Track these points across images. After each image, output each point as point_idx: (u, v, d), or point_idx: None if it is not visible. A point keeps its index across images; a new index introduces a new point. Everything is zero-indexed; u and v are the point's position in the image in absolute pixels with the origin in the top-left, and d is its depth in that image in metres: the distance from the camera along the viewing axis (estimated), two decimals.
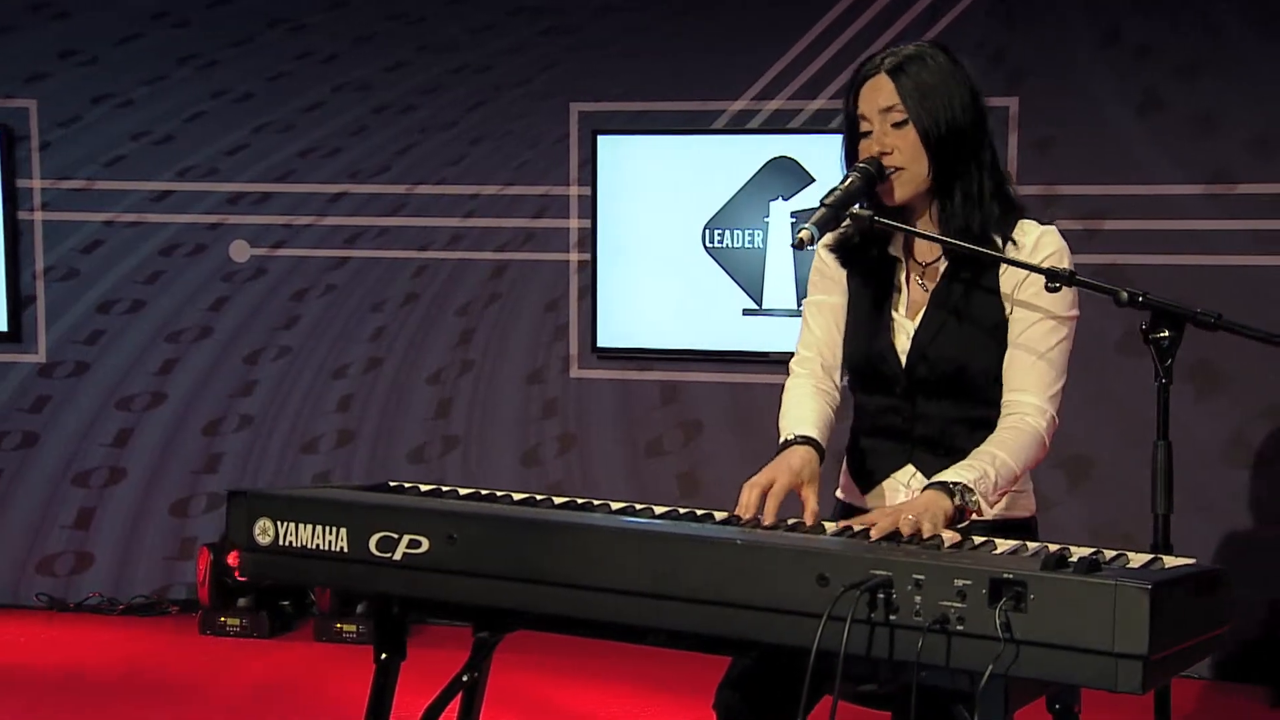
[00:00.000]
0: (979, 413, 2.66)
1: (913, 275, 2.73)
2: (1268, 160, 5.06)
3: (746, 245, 5.49)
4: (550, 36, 5.75)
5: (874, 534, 2.28)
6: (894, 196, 2.64)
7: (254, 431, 6.08)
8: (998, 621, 1.94)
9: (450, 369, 5.91)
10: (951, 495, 2.40)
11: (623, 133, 5.60)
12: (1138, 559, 2.14)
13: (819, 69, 5.45)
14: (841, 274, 2.81)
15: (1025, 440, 2.56)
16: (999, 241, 2.64)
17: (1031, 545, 2.23)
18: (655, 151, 5.56)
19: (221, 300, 6.07)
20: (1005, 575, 1.95)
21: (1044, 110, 5.22)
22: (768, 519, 2.44)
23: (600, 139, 5.58)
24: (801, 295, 5.33)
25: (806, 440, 2.64)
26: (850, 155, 2.72)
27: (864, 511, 2.69)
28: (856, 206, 2.62)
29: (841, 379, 2.85)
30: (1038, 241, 2.64)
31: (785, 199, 5.43)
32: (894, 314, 2.72)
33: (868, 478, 2.78)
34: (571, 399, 5.79)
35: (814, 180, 5.39)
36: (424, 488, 2.72)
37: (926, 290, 2.71)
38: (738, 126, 5.53)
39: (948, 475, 2.45)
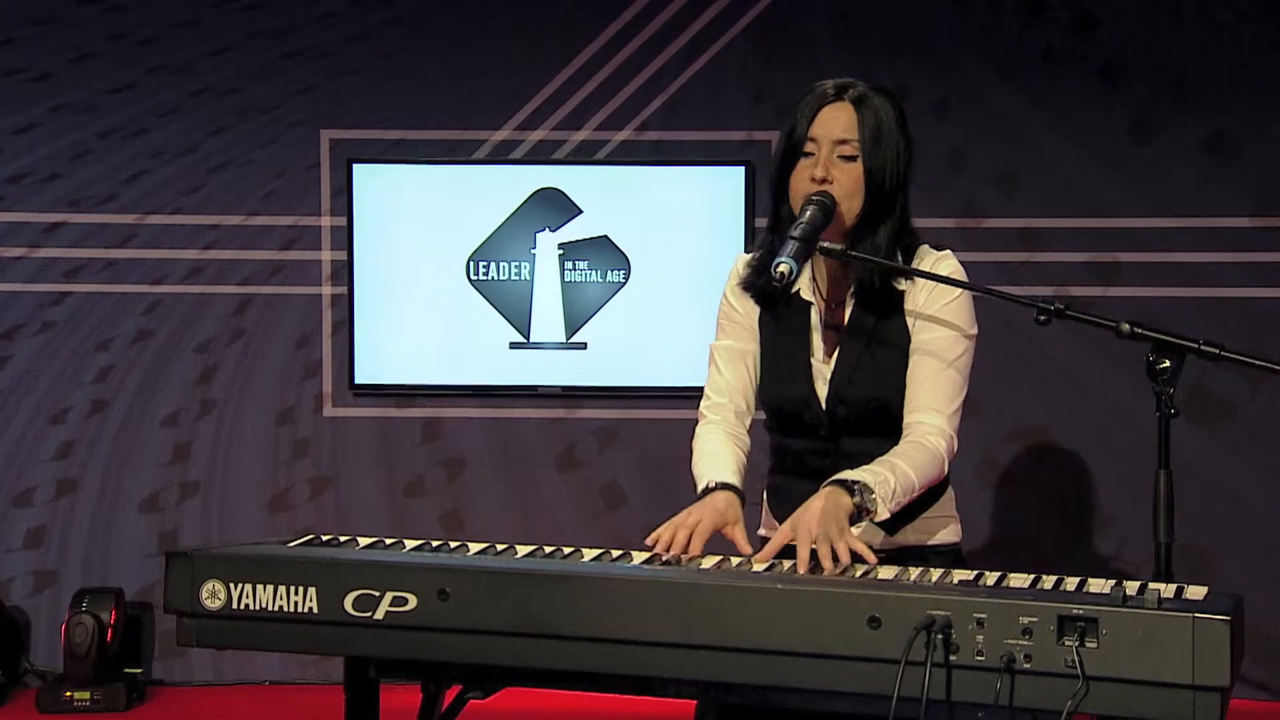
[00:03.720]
0: None
1: (821, 316, 2.74)
2: (1011, 196, 5.36)
3: (513, 277, 5.38)
4: (297, 61, 5.49)
5: (800, 568, 2.29)
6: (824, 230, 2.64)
7: None
8: (1076, 658, 1.95)
9: (189, 410, 5.54)
10: (851, 493, 2.43)
11: (379, 161, 5.39)
12: (1163, 589, 2.17)
13: (582, 100, 5.41)
14: (752, 319, 2.79)
15: (926, 458, 2.58)
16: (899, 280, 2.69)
17: (1023, 576, 2.24)
18: (415, 181, 5.39)
19: None
20: (1075, 611, 1.97)
21: None
22: (694, 554, 2.42)
23: (356, 167, 5.36)
24: (572, 327, 5.33)
25: (727, 486, 2.62)
26: (781, 178, 2.70)
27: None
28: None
29: (750, 422, 2.83)
30: (934, 266, 2.69)
31: (553, 230, 5.36)
32: (811, 359, 2.72)
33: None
34: (325, 439, 5.53)
35: (581, 211, 5.35)
36: (363, 541, 2.52)
37: (837, 332, 2.72)
38: (500, 156, 5.43)
39: (847, 474, 2.48)
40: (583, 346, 5.38)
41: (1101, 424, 5.32)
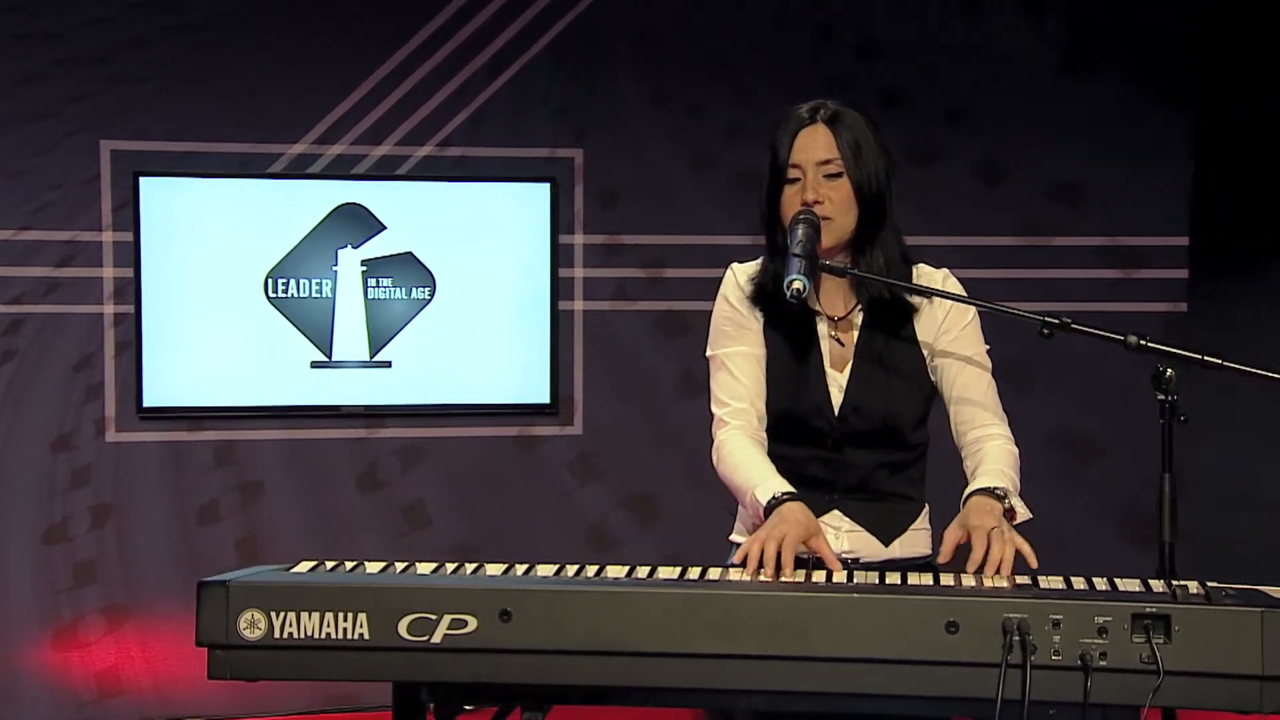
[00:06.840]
0: (899, 457, 2.79)
1: (828, 329, 2.79)
2: None
3: (314, 295, 5.22)
4: (71, 67, 5.15)
5: (989, 569, 2.37)
6: (820, 246, 2.71)
7: None
8: (1155, 654, 2.08)
9: None
10: (1001, 500, 2.54)
11: (168, 174, 5.13)
12: (1191, 585, 2.31)
13: (383, 114, 5.30)
14: (758, 325, 2.80)
15: (1014, 459, 2.71)
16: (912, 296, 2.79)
17: (1096, 580, 2.35)
18: (207, 195, 5.15)
19: None
20: (1148, 609, 2.11)
21: (607, 163, 5.41)
22: (786, 570, 2.42)
23: (143, 181, 5.09)
24: (375, 345, 5.23)
25: (795, 496, 2.59)
26: (771, 205, 2.75)
27: None
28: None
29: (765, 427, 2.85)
30: (943, 285, 2.82)
31: (355, 246, 5.23)
32: (824, 368, 2.77)
33: None
34: (108, 466, 5.21)
35: (384, 228, 5.24)
36: (371, 566, 2.42)
37: (843, 344, 2.78)
38: (298, 171, 5.25)
39: (986, 482, 2.58)
40: (387, 365, 5.27)
41: None
